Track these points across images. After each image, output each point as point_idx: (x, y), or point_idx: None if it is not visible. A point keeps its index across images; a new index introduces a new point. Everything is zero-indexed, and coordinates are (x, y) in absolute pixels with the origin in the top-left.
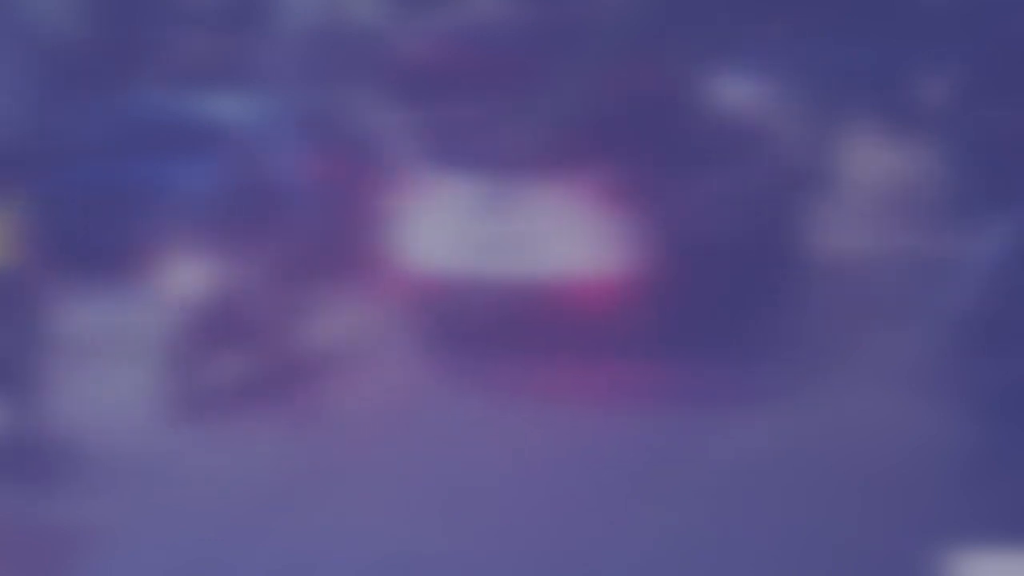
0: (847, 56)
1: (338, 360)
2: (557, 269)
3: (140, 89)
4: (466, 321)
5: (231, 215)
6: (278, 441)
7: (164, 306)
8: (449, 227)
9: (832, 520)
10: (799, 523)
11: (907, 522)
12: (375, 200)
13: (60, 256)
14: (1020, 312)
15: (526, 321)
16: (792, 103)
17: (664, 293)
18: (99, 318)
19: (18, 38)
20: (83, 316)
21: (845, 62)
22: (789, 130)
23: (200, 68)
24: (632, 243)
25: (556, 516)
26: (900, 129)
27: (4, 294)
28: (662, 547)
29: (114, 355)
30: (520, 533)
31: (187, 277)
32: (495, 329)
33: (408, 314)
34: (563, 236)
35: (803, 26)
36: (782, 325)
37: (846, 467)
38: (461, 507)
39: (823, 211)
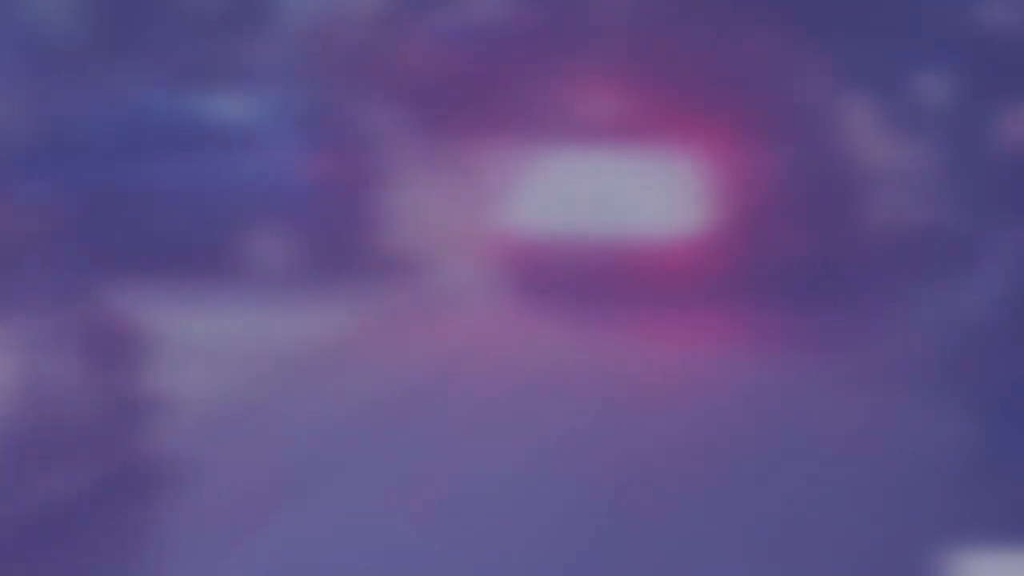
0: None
1: (450, 308)
2: (643, 228)
3: (141, 89)
4: (562, 275)
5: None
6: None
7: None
8: (548, 192)
9: (832, 520)
10: (799, 523)
11: (907, 522)
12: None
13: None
14: (1020, 312)
15: (614, 275)
16: (854, 90)
17: (737, 251)
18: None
19: (18, 38)
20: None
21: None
22: (853, 114)
23: (200, 68)
24: (709, 205)
25: (658, 448)
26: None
27: None
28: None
29: None
30: (630, 452)
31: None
32: (587, 282)
33: (513, 270)
34: (648, 199)
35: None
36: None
37: (847, 467)
38: (564, 443)
39: (877, 189)
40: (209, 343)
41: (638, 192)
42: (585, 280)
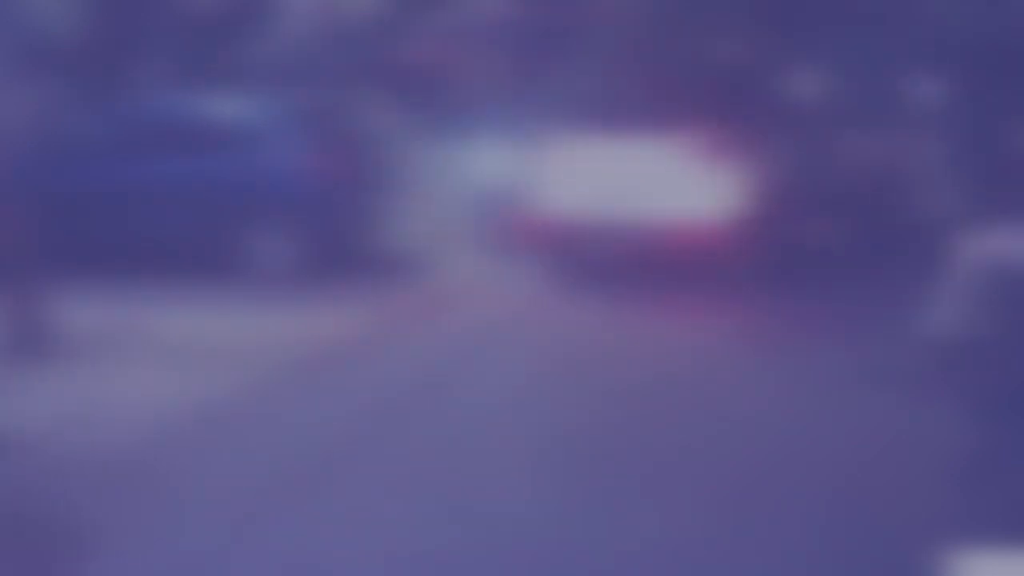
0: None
1: (482, 290)
2: (669, 214)
3: (141, 89)
4: (591, 259)
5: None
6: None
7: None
8: (576, 178)
9: (832, 519)
10: (798, 523)
11: (906, 522)
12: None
13: (59, 255)
14: (1020, 311)
15: (643, 259)
16: (869, 84)
17: (762, 236)
18: (97, 317)
19: (18, 38)
20: (81, 315)
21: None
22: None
23: (200, 68)
24: (734, 191)
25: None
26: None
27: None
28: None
29: (113, 355)
30: (645, 444)
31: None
32: (616, 266)
33: (541, 253)
34: (675, 185)
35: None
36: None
37: (846, 466)
38: (590, 428)
39: (894, 184)
40: (209, 343)
41: (658, 179)
42: (604, 269)
